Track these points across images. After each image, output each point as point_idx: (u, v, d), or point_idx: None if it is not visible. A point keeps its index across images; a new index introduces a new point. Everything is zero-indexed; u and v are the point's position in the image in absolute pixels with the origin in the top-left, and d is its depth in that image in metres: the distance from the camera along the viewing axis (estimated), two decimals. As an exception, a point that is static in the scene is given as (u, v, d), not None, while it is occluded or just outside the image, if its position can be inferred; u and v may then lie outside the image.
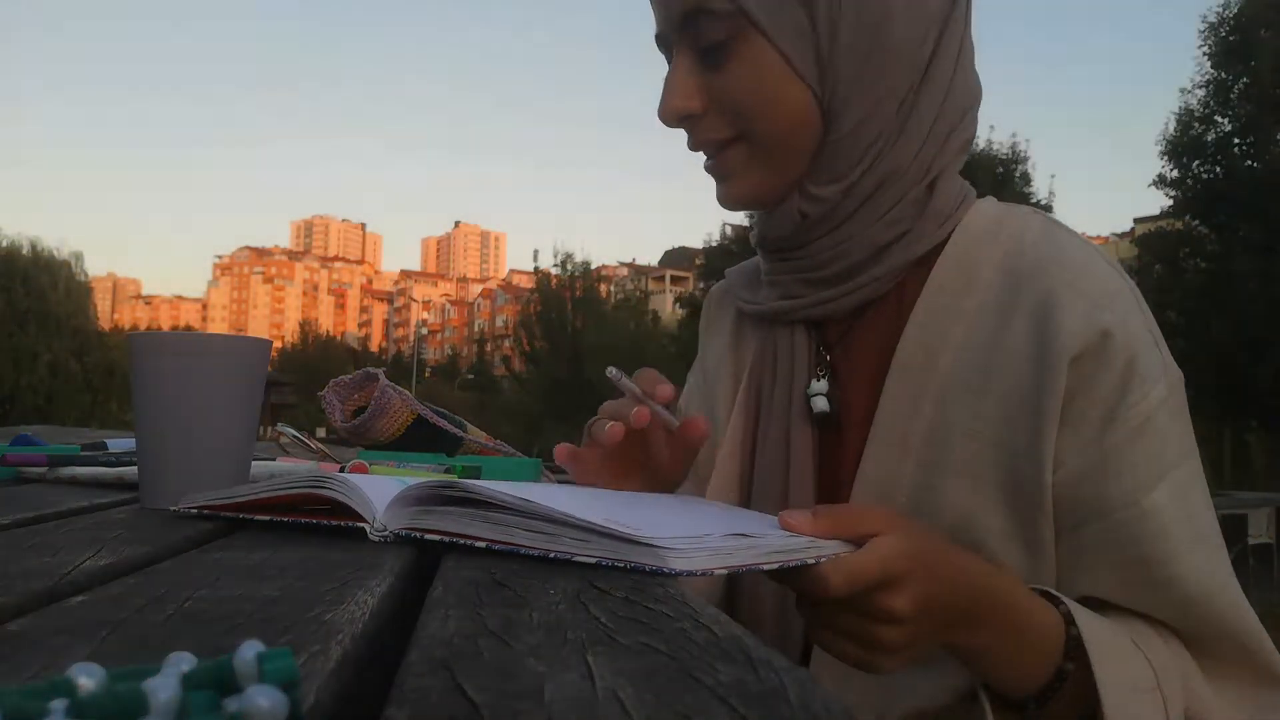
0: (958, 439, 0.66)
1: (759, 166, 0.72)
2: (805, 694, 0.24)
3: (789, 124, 0.70)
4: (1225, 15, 13.45)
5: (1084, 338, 0.63)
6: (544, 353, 24.32)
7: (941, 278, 0.70)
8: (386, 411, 1.09)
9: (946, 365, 0.68)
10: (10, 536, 0.50)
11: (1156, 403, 0.63)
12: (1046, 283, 0.66)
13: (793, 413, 0.74)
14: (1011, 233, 0.70)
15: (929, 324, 0.70)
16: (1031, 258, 0.68)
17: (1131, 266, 14.67)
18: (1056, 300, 0.64)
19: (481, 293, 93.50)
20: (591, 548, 0.44)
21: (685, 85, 0.71)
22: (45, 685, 0.20)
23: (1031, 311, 0.65)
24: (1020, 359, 0.65)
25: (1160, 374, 0.64)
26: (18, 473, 0.83)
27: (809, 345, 0.76)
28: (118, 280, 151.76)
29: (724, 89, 0.70)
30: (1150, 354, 0.65)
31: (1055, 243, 0.69)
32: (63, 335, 19.79)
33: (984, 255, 0.70)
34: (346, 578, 0.40)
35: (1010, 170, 17.16)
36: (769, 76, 0.69)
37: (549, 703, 0.23)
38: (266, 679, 0.21)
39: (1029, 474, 0.64)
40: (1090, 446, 0.63)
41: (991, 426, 0.65)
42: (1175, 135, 13.59)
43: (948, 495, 0.66)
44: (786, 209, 0.74)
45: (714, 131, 0.72)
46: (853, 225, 0.72)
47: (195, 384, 0.60)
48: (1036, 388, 0.64)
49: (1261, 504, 6.95)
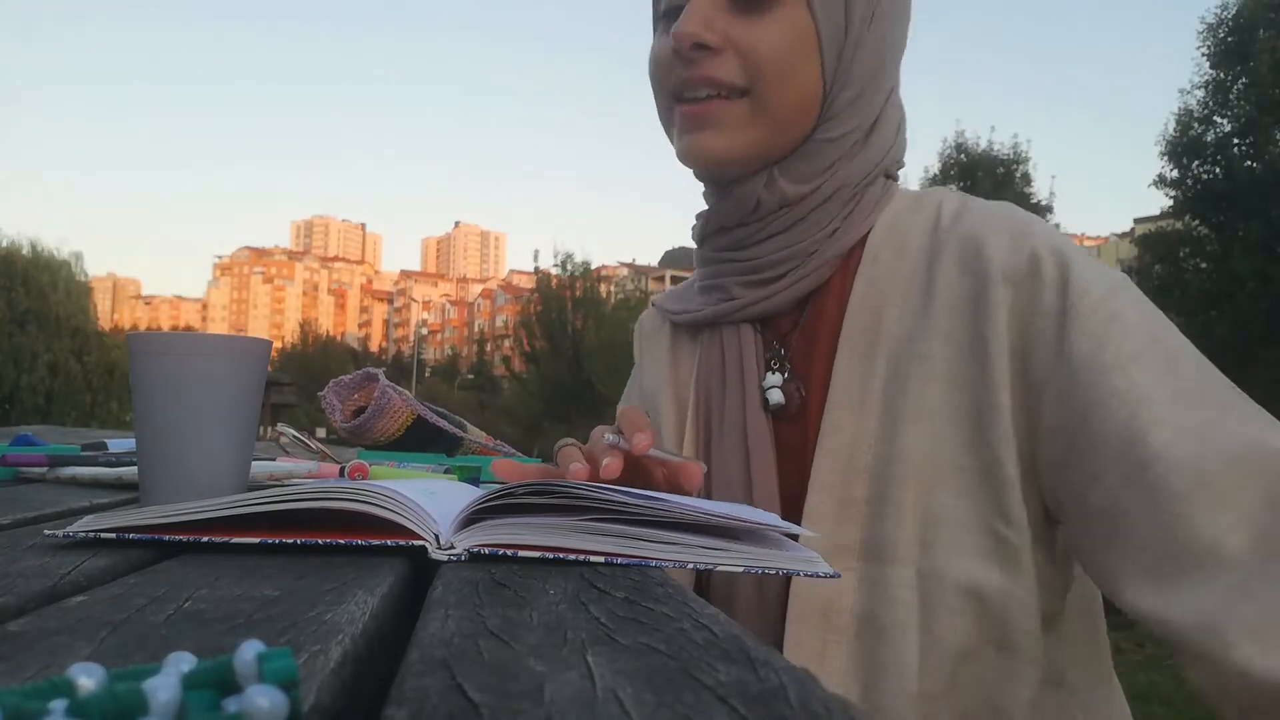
0: (913, 385, 0.68)
1: (753, 129, 0.71)
2: (805, 694, 0.24)
3: (797, 102, 0.71)
4: (1224, 16, 13.44)
5: (1013, 262, 0.66)
6: (544, 353, 24.30)
7: (875, 251, 0.74)
8: (386, 411, 1.09)
9: (891, 325, 0.70)
10: (10, 536, 0.50)
11: (1103, 294, 0.63)
12: (967, 228, 0.69)
13: (748, 409, 0.75)
14: (932, 204, 0.74)
15: (870, 292, 0.72)
16: (950, 215, 0.72)
17: (1131, 266, 14.67)
18: (979, 239, 0.68)
19: (481, 293, 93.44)
20: (733, 556, 0.43)
21: (710, 16, 0.69)
22: (45, 685, 0.20)
23: (958, 253, 0.69)
24: (956, 296, 0.68)
25: (1101, 275, 0.65)
26: (17, 473, 0.83)
27: (756, 341, 0.77)
28: (118, 280, 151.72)
29: (755, 38, 0.69)
30: (1084, 262, 0.65)
31: (970, 204, 0.73)
32: (63, 335, 19.78)
33: (910, 225, 0.74)
34: (346, 578, 0.40)
35: (1011, 170, 17.16)
36: (800, 46, 0.70)
37: (549, 703, 0.23)
38: (266, 679, 0.21)
39: (984, 400, 0.65)
40: (1057, 359, 0.63)
41: (941, 365, 0.67)
42: (1175, 135, 13.59)
43: (909, 441, 0.67)
44: (748, 191, 0.74)
45: (726, 73, 0.70)
46: (800, 229, 0.74)
47: (195, 384, 0.60)
48: (976, 316, 0.66)
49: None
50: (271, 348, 0.67)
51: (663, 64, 0.73)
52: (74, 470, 0.82)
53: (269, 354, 0.65)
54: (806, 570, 0.44)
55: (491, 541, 0.44)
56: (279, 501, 0.45)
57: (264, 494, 0.46)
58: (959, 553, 0.64)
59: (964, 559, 0.64)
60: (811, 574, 0.44)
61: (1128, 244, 28.90)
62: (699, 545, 0.44)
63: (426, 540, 0.44)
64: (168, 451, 0.60)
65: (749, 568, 0.43)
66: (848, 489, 0.68)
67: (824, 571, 0.44)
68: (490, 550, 0.44)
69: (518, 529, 0.45)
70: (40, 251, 20.48)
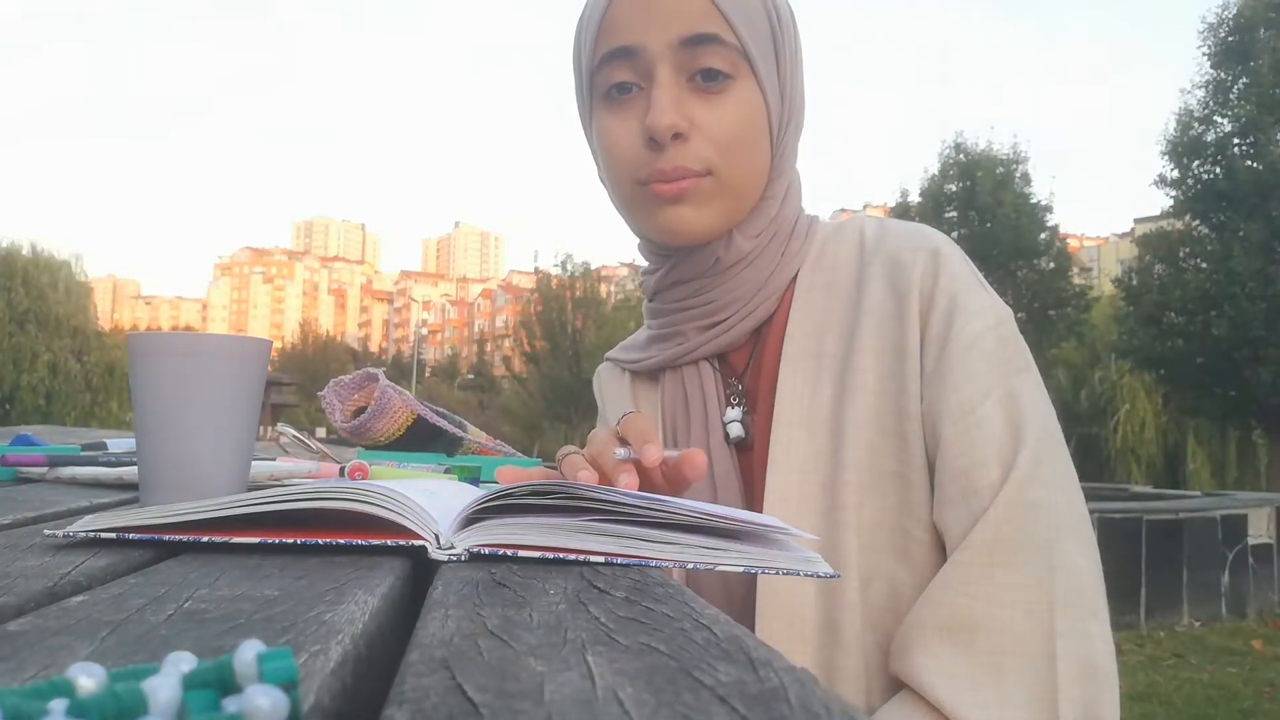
0: (851, 399, 0.73)
1: (718, 203, 0.75)
2: (805, 694, 0.24)
3: (755, 173, 0.77)
4: (1224, 16, 13.44)
5: (923, 283, 0.73)
6: (544, 353, 24.30)
7: (807, 279, 0.79)
8: (386, 411, 1.09)
9: (830, 346, 0.76)
10: (10, 536, 0.50)
11: (981, 330, 0.70)
12: (890, 248, 0.76)
13: (711, 443, 0.78)
14: (854, 228, 0.81)
15: (805, 317, 0.78)
16: (873, 238, 0.78)
17: (1131, 266, 14.66)
18: (899, 257, 0.74)
19: (481, 293, 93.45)
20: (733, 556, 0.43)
21: (679, 104, 0.72)
22: (45, 685, 0.20)
23: (883, 272, 0.75)
24: (881, 312, 0.74)
25: (985, 307, 0.72)
26: (17, 473, 0.83)
27: (715, 378, 0.81)
28: (118, 280, 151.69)
29: (715, 121, 0.72)
30: (973, 291, 0.73)
31: (889, 226, 0.80)
32: (63, 335, 19.78)
33: (837, 252, 0.80)
34: (346, 578, 0.40)
35: (1011, 171, 17.17)
36: (755, 123, 0.75)
37: (549, 703, 0.23)
38: (266, 679, 0.21)
39: (907, 409, 0.71)
40: (933, 377, 0.70)
41: (872, 378, 0.73)
42: (1175, 135, 13.58)
43: (851, 451, 0.71)
44: (709, 251, 0.78)
45: (696, 160, 0.73)
46: (749, 273, 0.79)
47: (195, 384, 0.60)
48: (897, 330, 0.72)
49: (1261, 504, 6.94)
50: (271, 348, 0.67)
51: (627, 149, 0.75)
52: (74, 470, 0.82)
53: (269, 354, 0.65)
54: (806, 570, 0.44)
55: (491, 541, 0.44)
56: (279, 501, 0.45)
57: (264, 494, 0.46)
58: (886, 553, 0.70)
59: (889, 558, 0.69)
60: (811, 574, 0.44)
61: (1128, 244, 28.90)
62: (699, 545, 0.44)
63: (426, 540, 0.44)
64: (168, 451, 0.60)
65: (749, 568, 0.43)
66: (802, 502, 0.72)
67: (824, 571, 0.44)
68: (490, 550, 0.44)
69: (518, 529, 0.44)
70: (40, 251, 20.48)
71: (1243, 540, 6.48)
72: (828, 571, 0.44)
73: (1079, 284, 17.51)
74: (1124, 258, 25.23)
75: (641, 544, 0.43)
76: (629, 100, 0.74)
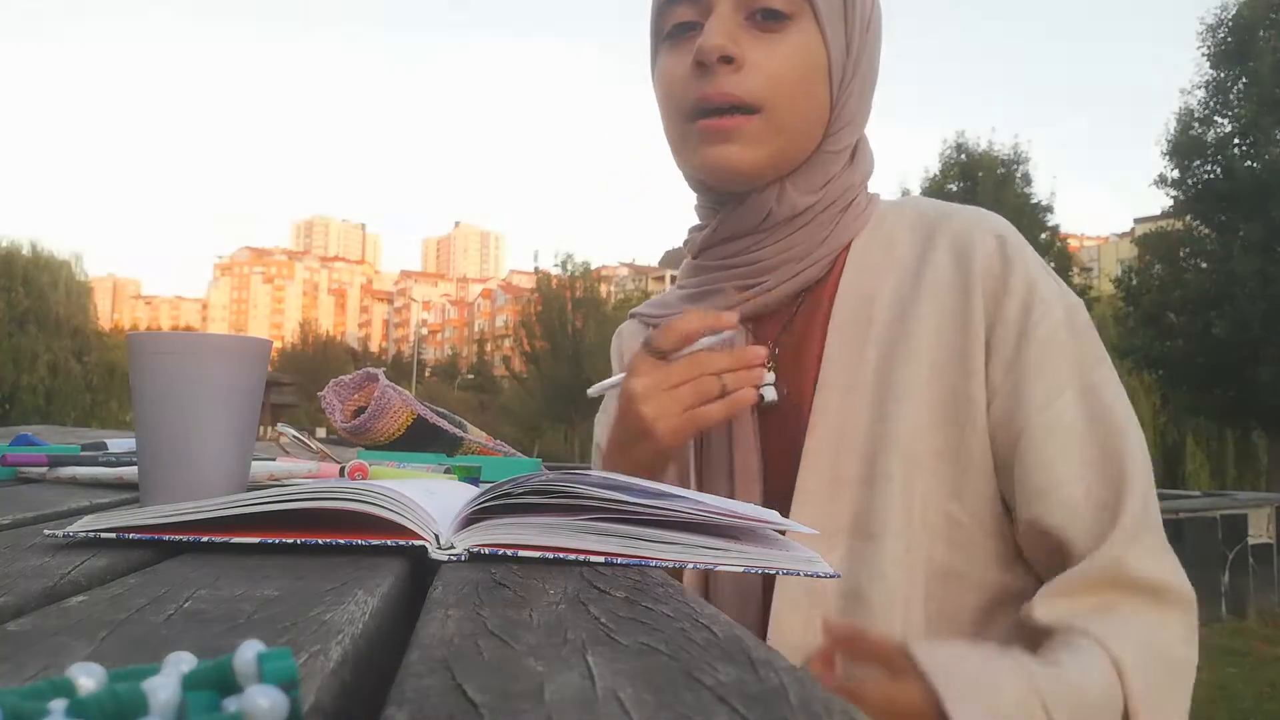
0: (900, 368, 0.72)
1: (768, 145, 0.73)
2: (805, 694, 0.24)
3: (808, 118, 0.74)
4: (1224, 16, 13.45)
5: (992, 266, 0.72)
6: (544, 353, 24.31)
7: (863, 245, 0.78)
8: (386, 411, 1.09)
9: (881, 312, 0.75)
10: (10, 536, 0.50)
11: (1058, 321, 0.71)
12: (959, 224, 0.75)
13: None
14: (912, 205, 0.80)
15: (860, 282, 0.76)
16: (935, 214, 0.78)
17: (1131, 266, 14.66)
18: (970, 236, 0.74)
19: (481, 293, 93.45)
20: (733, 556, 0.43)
21: (733, 31, 0.71)
22: (45, 685, 0.20)
23: (951, 245, 0.74)
24: (945, 285, 0.73)
25: (1058, 297, 0.72)
26: (17, 473, 0.83)
27: (746, 340, 0.79)
28: (118, 280, 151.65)
29: (769, 57, 0.72)
30: (1047, 281, 0.73)
31: (954, 206, 0.79)
32: (63, 335, 19.78)
33: (896, 222, 0.78)
34: (346, 578, 0.40)
35: (1011, 170, 17.18)
36: (812, 66, 0.73)
37: (549, 703, 0.23)
38: (266, 679, 0.21)
39: (961, 387, 0.71)
40: (1010, 367, 0.70)
41: (925, 350, 0.72)
42: (1175, 135, 13.59)
43: (897, 422, 0.71)
44: (760, 201, 0.76)
45: (745, 90, 0.71)
46: (801, 235, 0.77)
47: (195, 384, 0.59)
48: (962, 306, 0.72)
49: (1261, 504, 6.94)
50: (271, 348, 0.67)
51: (678, 81, 0.74)
52: (74, 470, 0.82)
53: (269, 354, 0.65)
54: (806, 570, 0.44)
55: (491, 541, 0.44)
56: (279, 501, 0.45)
57: (264, 494, 0.46)
58: (930, 531, 0.69)
59: (932, 537, 0.69)
60: (811, 574, 0.44)
61: (1128, 244, 28.91)
62: (699, 545, 0.44)
63: (426, 540, 0.44)
64: (168, 451, 0.60)
65: (749, 568, 0.43)
66: (838, 469, 0.72)
67: (824, 571, 0.44)
68: (490, 550, 0.44)
69: (518, 529, 0.44)
70: (40, 252, 20.48)
71: (1243, 540, 6.48)
72: (827, 571, 0.44)
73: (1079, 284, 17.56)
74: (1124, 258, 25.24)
75: (642, 544, 0.43)
76: (688, 39, 0.73)
